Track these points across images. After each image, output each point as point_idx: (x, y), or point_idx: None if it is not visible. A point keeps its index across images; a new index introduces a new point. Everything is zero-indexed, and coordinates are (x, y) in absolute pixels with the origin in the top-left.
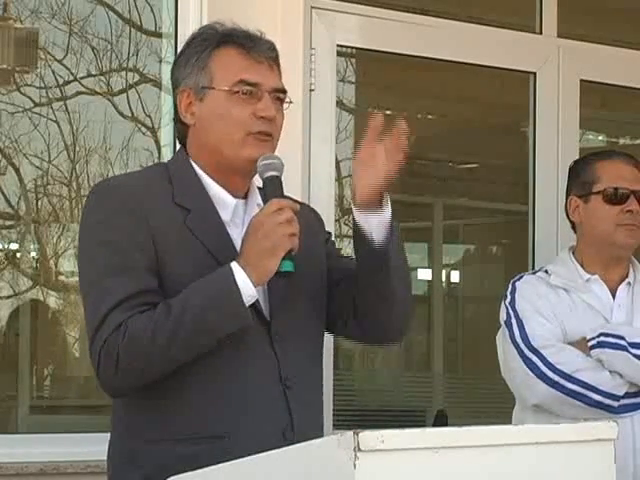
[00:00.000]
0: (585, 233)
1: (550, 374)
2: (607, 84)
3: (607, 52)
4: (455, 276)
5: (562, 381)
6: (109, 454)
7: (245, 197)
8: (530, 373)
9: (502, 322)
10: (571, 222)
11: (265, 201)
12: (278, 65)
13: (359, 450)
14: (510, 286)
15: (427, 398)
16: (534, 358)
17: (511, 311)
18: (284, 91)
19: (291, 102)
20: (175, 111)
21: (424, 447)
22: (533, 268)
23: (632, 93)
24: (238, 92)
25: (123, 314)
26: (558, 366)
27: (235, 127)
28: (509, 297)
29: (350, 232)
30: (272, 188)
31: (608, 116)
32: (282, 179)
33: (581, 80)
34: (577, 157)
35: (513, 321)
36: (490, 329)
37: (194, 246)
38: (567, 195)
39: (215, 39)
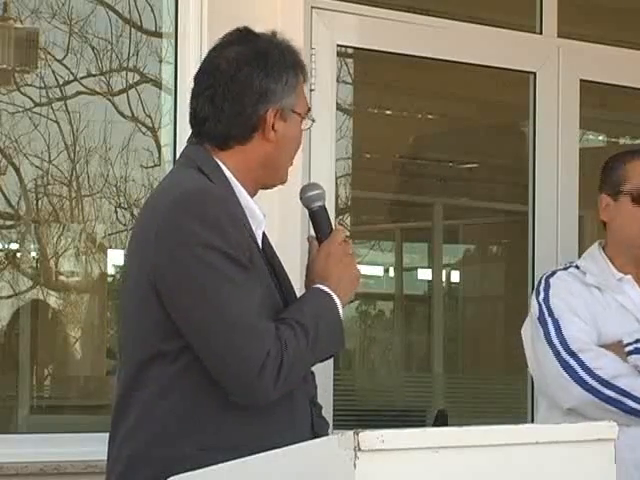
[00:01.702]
0: (613, 232)
1: (588, 379)
2: (607, 84)
3: (607, 52)
4: (455, 276)
5: (599, 387)
6: (130, 455)
7: None
8: (567, 376)
9: (534, 318)
10: (602, 220)
11: (318, 231)
12: None
13: (359, 450)
14: (543, 282)
15: (427, 398)
16: (572, 362)
17: (545, 309)
18: None
19: None
20: (241, 115)
21: (424, 447)
22: (533, 268)
23: (632, 93)
24: (305, 119)
25: (270, 323)
26: (597, 372)
27: (294, 153)
28: (542, 293)
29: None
30: (325, 218)
31: (608, 116)
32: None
33: (581, 80)
34: (577, 157)
35: (548, 320)
36: (490, 329)
37: (259, 257)
38: (598, 191)
39: (296, 65)
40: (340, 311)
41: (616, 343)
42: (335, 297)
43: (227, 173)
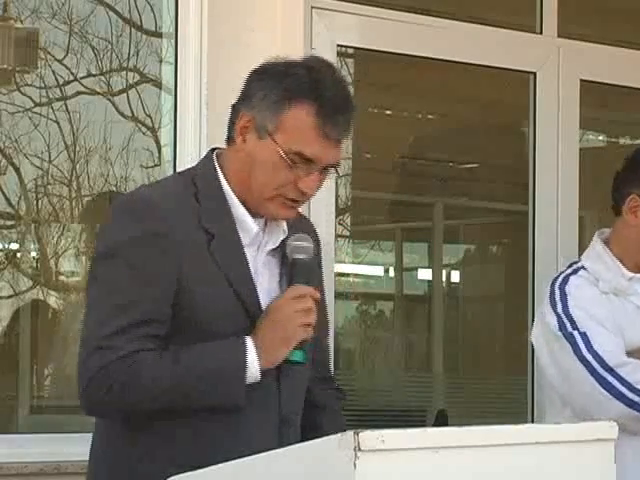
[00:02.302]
0: (630, 237)
1: (628, 394)
2: (607, 84)
3: (607, 52)
4: (455, 276)
5: None
6: (95, 465)
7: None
8: (605, 393)
9: (553, 330)
10: (615, 209)
11: (289, 283)
12: (349, 134)
13: (359, 450)
14: (557, 291)
15: (427, 398)
16: (609, 377)
17: (567, 321)
18: (338, 164)
19: (337, 173)
20: (232, 109)
21: (424, 447)
22: (533, 268)
23: (632, 93)
24: (291, 162)
25: (132, 343)
26: (637, 385)
27: (270, 185)
28: (560, 304)
29: (344, 232)
30: (298, 272)
31: (608, 116)
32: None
33: (581, 80)
34: (577, 157)
35: (575, 333)
36: (490, 329)
37: (215, 275)
38: (625, 186)
39: (302, 88)
40: (245, 367)
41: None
42: (251, 353)
43: (223, 182)
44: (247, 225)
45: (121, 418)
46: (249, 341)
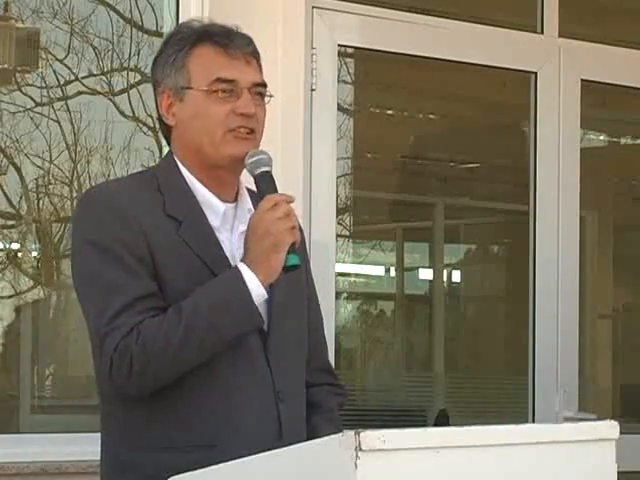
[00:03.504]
0: None
1: None
2: (608, 84)
3: (608, 52)
4: (456, 276)
5: None
6: (100, 461)
7: (235, 200)
8: None
9: None
10: None
11: (259, 198)
12: (257, 59)
13: (360, 450)
14: None
15: (428, 398)
16: None
17: None
18: (264, 85)
19: (271, 96)
20: (158, 111)
21: (425, 447)
22: (534, 268)
23: (633, 93)
24: (216, 91)
25: (134, 317)
26: None
27: (214, 125)
28: None
29: (344, 232)
30: (265, 184)
31: (609, 116)
32: (272, 174)
33: (582, 80)
34: (578, 157)
35: None
36: (491, 329)
37: (188, 258)
38: None
39: (192, 38)
40: (246, 287)
41: None
42: (247, 273)
43: (183, 170)
44: (213, 206)
45: (152, 391)
46: (241, 265)
